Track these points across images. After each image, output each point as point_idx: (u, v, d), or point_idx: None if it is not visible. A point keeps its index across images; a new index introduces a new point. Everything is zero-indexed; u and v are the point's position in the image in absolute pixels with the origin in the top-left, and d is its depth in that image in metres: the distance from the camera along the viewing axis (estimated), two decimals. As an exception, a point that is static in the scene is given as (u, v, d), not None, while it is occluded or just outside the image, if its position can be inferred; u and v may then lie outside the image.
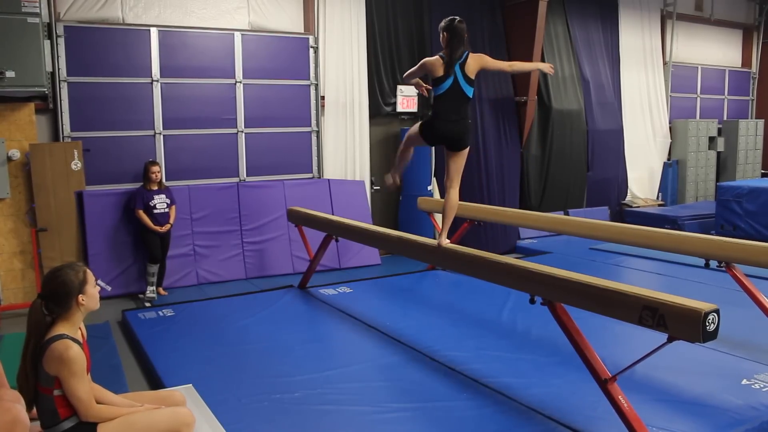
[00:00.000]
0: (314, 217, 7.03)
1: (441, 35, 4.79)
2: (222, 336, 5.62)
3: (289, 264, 8.35)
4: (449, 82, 4.69)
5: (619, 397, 3.55)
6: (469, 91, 4.78)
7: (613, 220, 11.40)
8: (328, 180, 8.85)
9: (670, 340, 3.25)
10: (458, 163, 4.90)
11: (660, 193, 12.78)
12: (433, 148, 9.05)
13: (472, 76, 4.74)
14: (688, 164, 12.95)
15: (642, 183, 12.55)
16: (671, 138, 13.04)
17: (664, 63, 12.85)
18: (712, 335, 3.07)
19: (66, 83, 7.32)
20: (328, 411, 4.08)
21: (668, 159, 12.99)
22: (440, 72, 4.70)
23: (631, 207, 11.99)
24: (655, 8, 12.57)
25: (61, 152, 7.10)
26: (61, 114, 7.31)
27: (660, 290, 3.35)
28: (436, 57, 4.76)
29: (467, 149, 4.91)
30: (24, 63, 6.49)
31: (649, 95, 12.55)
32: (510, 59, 10.24)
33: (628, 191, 12.26)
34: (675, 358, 4.52)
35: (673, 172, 12.89)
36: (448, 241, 4.97)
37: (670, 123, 13.01)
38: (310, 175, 8.94)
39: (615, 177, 11.94)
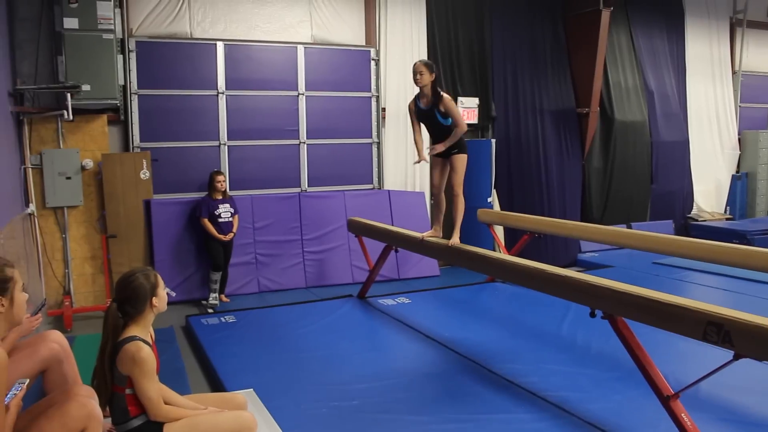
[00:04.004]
0: (374, 227, 7.09)
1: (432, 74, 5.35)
2: (282, 343, 5.72)
3: (348, 274, 8.44)
4: None
5: (682, 414, 3.48)
6: None
7: (677, 233, 11.11)
8: (389, 191, 8.91)
9: (736, 357, 3.17)
10: None
11: (728, 207, 12.38)
12: (494, 159, 9.03)
13: None
14: (759, 177, 12.51)
15: (708, 196, 12.19)
16: (740, 150, 12.64)
17: (734, 72, 12.48)
18: (781, 353, 2.98)
19: (136, 96, 7.60)
20: (385, 420, 4.11)
21: (737, 171, 12.58)
22: None
23: (696, 221, 11.66)
24: (724, 16, 12.23)
25: (131, 162, 7.36)
26: (132, 125, 7.59)
27: (727, 306, 3.27)
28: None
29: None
30: (98, 77, 6.79)
31: (717, 106, 12.19)
32: (572, 70, 10.21)
33: (694, 204, 11.93)
34: (742, 377, 4.38)
35: (742, 185, 12.48)
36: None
37: (739, 134, 12.61)
38: (370, 186, 9.02)
39: (680, 190, 11.64)
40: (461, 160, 5.51)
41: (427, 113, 5.42)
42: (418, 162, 5.66)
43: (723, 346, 3.12)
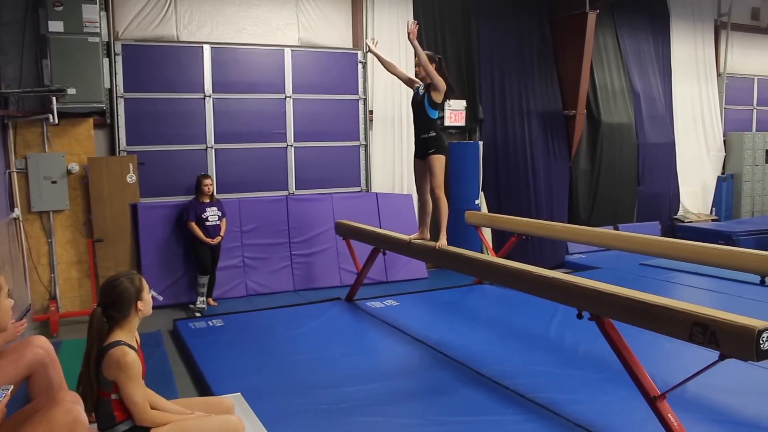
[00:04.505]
0: (362, 230, 7.09)
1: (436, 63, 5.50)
2: (270, 346, 5.71)
3: (336, 277, 8.43)
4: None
5: (669, 415, 3.49)
6: None
7: (664, 235, 11.17)
8: (376, 194, 8.92)
9: (722, 358, 3.18)
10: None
11: (714, 208, 12.48)
12: (481, 162, 9.05)
13: None
14: (744, 178, 12.61)
15: (695, 197, 12.28)
16: (725, 151, 12.74)
17: (718, 74, 12.58)
18: (767, 354, 3.00)
19: (122, 99, 7.56)
20: (373, 423, 4.11)
21: (722, 173, 12.68)
22: (442, 98, 5.51)
23: (683, 222, 11.74)
24: (709, 19, 12.33)
25: (117, 166, 7.33)
26: (118, 129, 7.55)
27: (713, 307, 3.28)
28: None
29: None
30: (84, 80, 6.75)
31: (702, 108, 12.29)
32: (558, 72, 10.25)
33: (680, 206, 12.01)
34: (728, 377, 4.41)
35: (727, 187, 12.57)
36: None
37: (724, 136, 12.71)
38: (358, 189, 9.02)
39: (666, 191, 11.72)
40: (438, 161, 5.48)
41: (419, 100, 5.54)
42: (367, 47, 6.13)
43: (709, 346, 3.14)
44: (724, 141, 12.72)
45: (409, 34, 5.43)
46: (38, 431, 2.82)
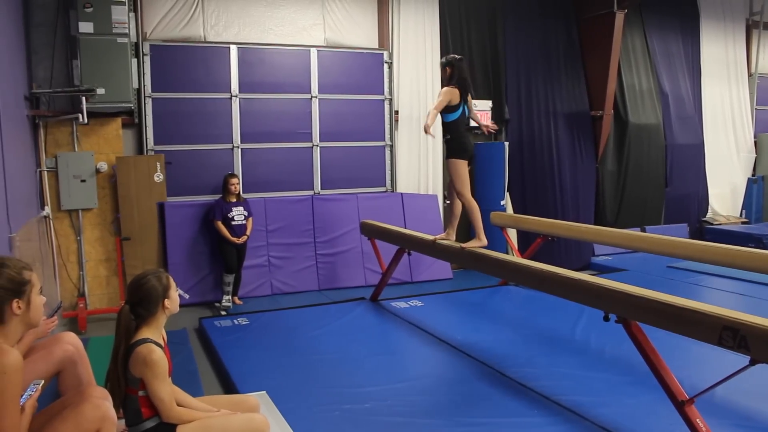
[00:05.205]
0: (387, 230, 7.09)
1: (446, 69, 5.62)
2: (295, 345, 5.73)
3: (361, 276, 8.44)
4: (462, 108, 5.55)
5: (697, 420, 3.45)
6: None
7: (692, 237, 11.03)
8: (401, 194, 8.91)
9: (752, 363, 3.13)
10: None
11: (743, 210, 12.27)
12: (507, 162, 9.01)
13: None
14: (775, 180, 12.41)
15: (724, 199, 12.09)
16: (756, 153, 12.52)
17: (749, 75, 12.37)
18: (799, 359, 2.95)
19: (150, 99, 7.64)
20: (397, 423, 4.11)
21: (753, 175, 12.47)
22: (458, 100, 5.49)
23: (711, 224, 11.57)
24: (740, 18, 12.14)
25: (144, 165, 7.41)
26: (146, 128, 7.63)
27: (742, 311, 3.23)
28: (453, 87, 5.51)
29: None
30: (113, 80, 6.86)
31: (733, 108, 12.10)
32: (585, 73, 10.17)
33: (709, 208, 11.84)
34: (758, 383, 4.33)
35: (758, 189, 12.35)
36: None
37: (755, 137, 12.50)
38: (383, 189, 9.02)
39: (695, 193, 11.56)
40: (453, 165, 5.52)
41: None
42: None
43: (739, 351, 3.09)
44: (755, 142, 12.52)
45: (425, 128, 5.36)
46: (68, 426, 2.87)
